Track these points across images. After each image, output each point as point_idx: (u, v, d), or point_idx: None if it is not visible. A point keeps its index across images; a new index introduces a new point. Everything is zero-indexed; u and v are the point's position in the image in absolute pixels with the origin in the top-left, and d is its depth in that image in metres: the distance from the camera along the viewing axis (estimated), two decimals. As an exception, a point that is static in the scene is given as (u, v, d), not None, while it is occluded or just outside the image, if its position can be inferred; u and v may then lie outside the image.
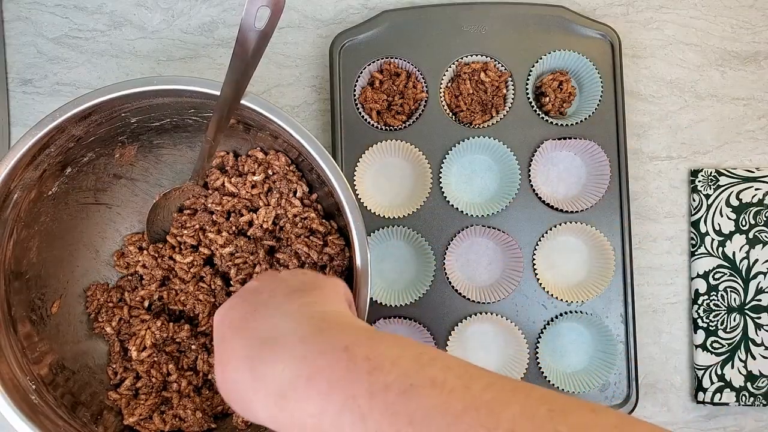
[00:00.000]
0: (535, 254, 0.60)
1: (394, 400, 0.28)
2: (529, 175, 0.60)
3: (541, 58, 0.60)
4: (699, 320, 0.62)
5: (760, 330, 0.61)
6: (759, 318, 0.61)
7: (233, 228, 0.55)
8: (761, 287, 0.61)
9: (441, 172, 0.60)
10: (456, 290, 0.59)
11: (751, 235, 0.62)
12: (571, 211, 0.60)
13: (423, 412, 0.27)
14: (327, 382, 0.30)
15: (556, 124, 0.60)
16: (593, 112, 0.60)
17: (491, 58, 0.61)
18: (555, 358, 0.60)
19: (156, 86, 0.47)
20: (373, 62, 0.60)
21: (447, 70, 0.60)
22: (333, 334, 0.32)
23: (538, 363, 0.59)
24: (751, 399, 0.61)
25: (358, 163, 0.59)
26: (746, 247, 0.62)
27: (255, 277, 0.43)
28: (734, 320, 0.61)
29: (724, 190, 0.62)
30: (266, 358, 0.32)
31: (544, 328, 0.60)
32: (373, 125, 0.60)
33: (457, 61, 0.61)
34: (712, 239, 0.62)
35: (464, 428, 0.26)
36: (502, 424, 0.26)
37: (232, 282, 0.56)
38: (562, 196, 0.61)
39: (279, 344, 0.32)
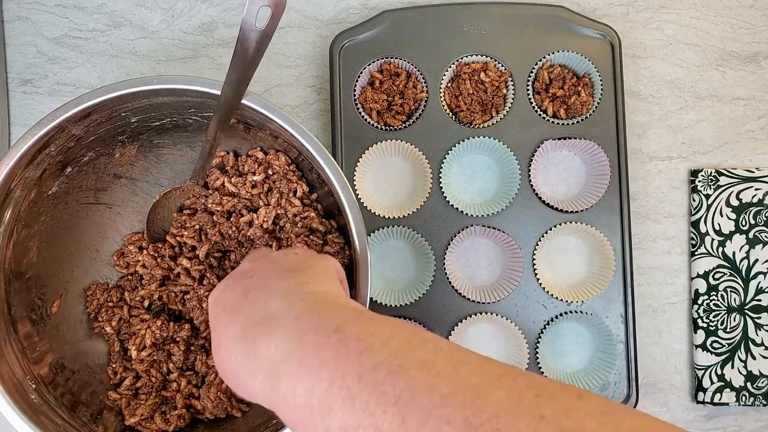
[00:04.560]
0: (535, 254, 0.60)
1: (383, 380, 0.28)
2: (529, 175, 0.60)
3: (541, 59, 0.60)
4: (699, 320, 0.62)
5: (760, 330, 0.61)
6: (759, 318, 0.61)
7: (233, 228, 0.55)
8: (761, 287, 0.61)
9: (441, 172, 0.60)
10: (456, 290, 0.59)
11: (751, 235, 0.62)
12: (571, 211, 0.60)
13: (409, 393, 0.27)
14: (318, 362, 0.30)
15: (556, 124, 0.60)
16: (593, 112, 0.60)
17: (491, 58, 0.61)
18: (555, 358, 0.60)
19: (156, 86, 0.47)
20: (373, 62, 0.60)
21: (447, 70, 0.60)
22: (325, 314, 0.32)
23: (538, 363, 0.59)
24: (751, 399, 0.61)
25: (358, 163, 0.59)
26: (746, 247, 0.62)
27: (247, 257, 0.43)
28: (734, 320, 0.61)
29: (724, 190, 0.62)
30: (259, 338, 0.32)
31: (544, 328, 0.60)
32: (373, 125, 0.60)
33: (457, 61, 0.61)
34: (712, 239, 0.62)
35: (449, 411, 0.26)
36: (487, 408, 0.26)
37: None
38: (562, 196, 0.61)
39: (271, 325, 0.33)
